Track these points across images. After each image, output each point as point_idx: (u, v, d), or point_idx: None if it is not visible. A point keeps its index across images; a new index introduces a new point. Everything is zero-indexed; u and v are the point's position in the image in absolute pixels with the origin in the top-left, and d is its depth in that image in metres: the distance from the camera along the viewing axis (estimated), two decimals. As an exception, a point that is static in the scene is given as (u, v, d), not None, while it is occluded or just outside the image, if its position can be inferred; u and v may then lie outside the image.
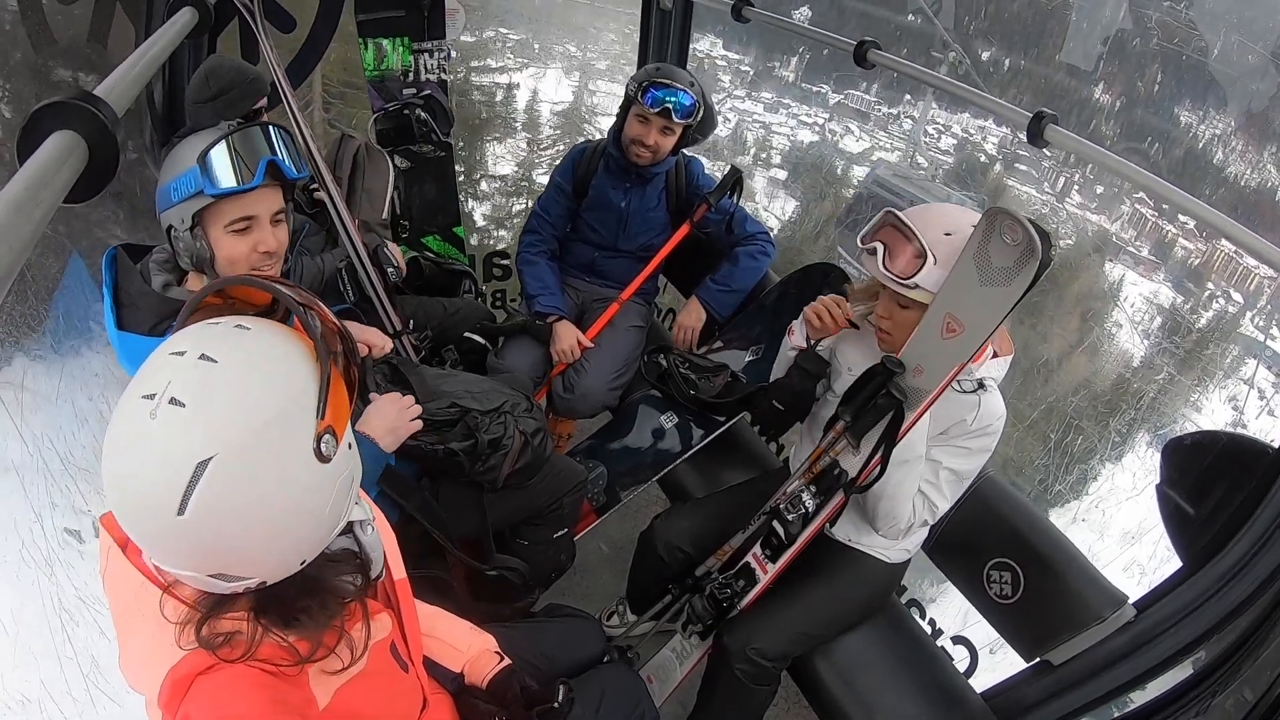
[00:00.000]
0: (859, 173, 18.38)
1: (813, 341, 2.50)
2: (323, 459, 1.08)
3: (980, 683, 2.65)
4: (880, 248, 2.08)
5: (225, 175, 1.77)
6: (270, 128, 1.89)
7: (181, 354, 1.04)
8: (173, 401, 1.00)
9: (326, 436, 1.08)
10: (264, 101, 2.92)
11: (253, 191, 1.82)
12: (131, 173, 3.37)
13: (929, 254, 2.02)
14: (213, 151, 1.76)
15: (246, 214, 1.84)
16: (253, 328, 1.09)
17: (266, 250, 1.89)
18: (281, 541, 1.11)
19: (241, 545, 1.07)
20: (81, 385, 3.15)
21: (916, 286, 2.04)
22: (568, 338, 3.39)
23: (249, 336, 1.08)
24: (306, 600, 1.20)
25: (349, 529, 1.32)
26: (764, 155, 18.61)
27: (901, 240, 2.07)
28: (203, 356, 1.03)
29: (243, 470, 1.02)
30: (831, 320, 2.40)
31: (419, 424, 2.19)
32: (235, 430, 1.01)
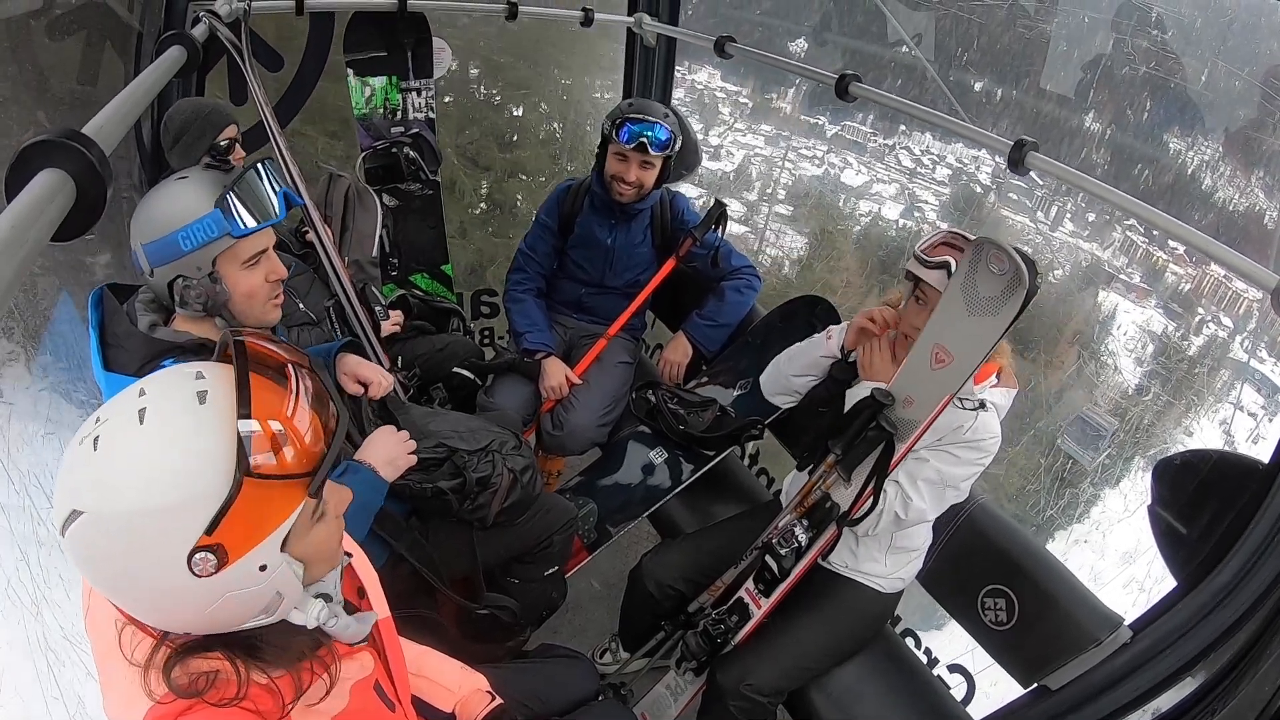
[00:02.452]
0: (864, 207, 18.33)
1: (848, 351, 2.55)
2: (194, 573, 1.02)
3: (978, 710, 2.64)
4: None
5: (251, 214, 1.79)
6: (259, 165, 1.90)
7: (140, 395, 1.03)
8: (95, 441, 1.00)
9: (204, 554, 1.02)
10: (233, 130, 2.89)
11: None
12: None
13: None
14: (231, 193, 1.77)
15: (260, 247, 1.85)
16: (210, 402, 1.05)
17: (279, 278, 1.91)
18: (150, 611, 1.09)
19: (113, 589, 1.06)
20: (69, 423, 3.13)
21: None
22: (556, 374, 3.38)
23: (195, 412, 1.04)
24: (262, 641, 1.18)
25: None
26: (769, 191, 18.56)
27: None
28: (141, 411, 1.02)
29: (105, 537, 1.00)
30: (883, 321, 2.46)
31: (414, 458, 2.21)
32: (109, 501, 0.99)
